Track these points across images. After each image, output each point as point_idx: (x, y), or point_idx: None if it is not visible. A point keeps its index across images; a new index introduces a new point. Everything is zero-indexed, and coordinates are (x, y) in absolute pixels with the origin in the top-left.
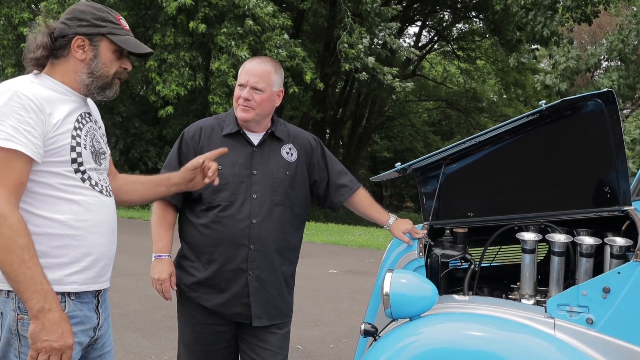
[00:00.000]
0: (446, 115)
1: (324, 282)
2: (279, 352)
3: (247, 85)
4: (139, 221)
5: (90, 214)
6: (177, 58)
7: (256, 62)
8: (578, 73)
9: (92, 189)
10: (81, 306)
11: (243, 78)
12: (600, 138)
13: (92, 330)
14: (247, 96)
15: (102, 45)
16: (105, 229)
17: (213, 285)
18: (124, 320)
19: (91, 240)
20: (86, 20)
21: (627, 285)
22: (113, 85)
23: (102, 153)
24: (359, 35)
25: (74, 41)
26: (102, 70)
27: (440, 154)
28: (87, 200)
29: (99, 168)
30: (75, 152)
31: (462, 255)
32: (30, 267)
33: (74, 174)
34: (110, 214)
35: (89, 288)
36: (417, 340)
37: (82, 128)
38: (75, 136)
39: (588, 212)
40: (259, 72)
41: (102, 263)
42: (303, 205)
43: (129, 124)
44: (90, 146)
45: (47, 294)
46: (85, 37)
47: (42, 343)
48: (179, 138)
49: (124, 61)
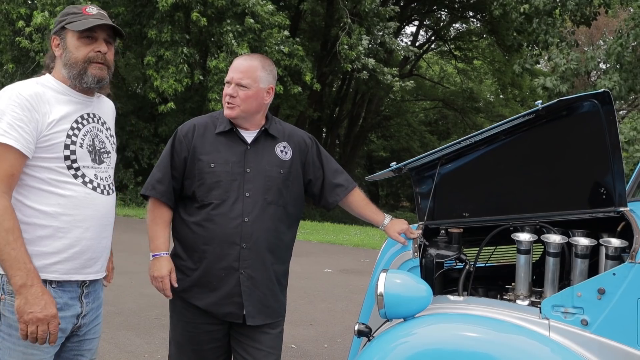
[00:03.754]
0: (443, 115)
1: (319, 281)
2: (271, 352)
3: (232, 82)
4: (134, 219)
5: (77, 209)
6: (174, 54)
7: (243, 58)
8: (577, 75)
9: (84, 185)
10: (62, 294)
11: (229, 75)
12: (596, 139)
13: (74, 317)
14: (231, 92)
15: (67, 36)
16: (93, 224)
17: (205, 284)
18: (118, 319)
19: (76, 233)
20: (58, 22)
21: (622, 287)
22: (87, 70)
23: (104, 152)
24: (359, 36)
25: (52, 43)
26: (72, 59)
27: (435, 154)
28: (76, 195)
29: (98, 166)
30: (69, 149)
31: (457, 255)
32: (14, 248)
33: (66, 170)
34: (102, 210)
35: (70, 278)
36: (411, 340)
37: (82, 128)
38: (72, 135)
39: (583, 213)
40: (243, 68)
41: (86, 256)
42: (296, 204)
43: (125, 121)
44: (89, 145)
45: (30, 272)
46: (55, 35)
47: (28, 315)
48: (173, 136)
49: (96, 45)
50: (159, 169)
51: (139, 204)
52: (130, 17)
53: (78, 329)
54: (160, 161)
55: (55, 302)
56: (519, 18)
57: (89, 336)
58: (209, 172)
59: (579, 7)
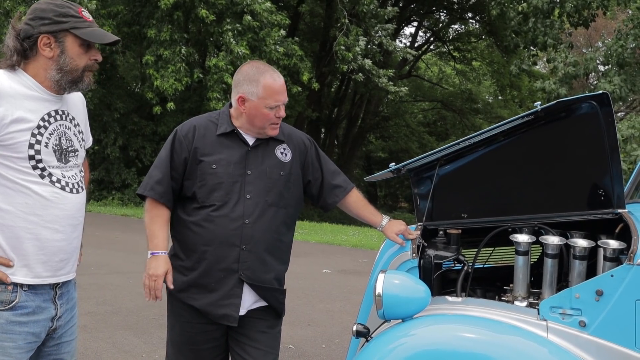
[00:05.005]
0: (441, 116)
1: (317, 281)
2: (270, 351)
3: (282, 104)
4: (132, 219)
5: (45, 209)
6: (172, 54)
7: (277, 76)
8: (576, 78)
9: (52, 185)
10: (34, 297)
11: (278, 98)
12: (594, 140)
13: (49, 320)
14: (283, 114)
15: (67, 40)
16: (64, 224)
17: (203, 285)
18: (116, 318)
19: (45, 234)
20: (48, 19)
21: (620, 288)
22: (84, 78)
23: (71, 151)
24: (356, 36)
25: (39, 40)
26: (71, 65)
27: (434, 155)
28: (44, 195)
29: (64, 166)
30: (33, 149)
31: (456, 256)
32: None
33: (32, 170)
34: (72, 210)
35: (43, 281)
36: (409, 341)
37: (48, 127)
38: (37, 134)
39: (582, 214)
40: (285, 89)
41: (58, 257)
42: (296, 205)
43: (127, 120)
44: (55, 144)
45: None
46: (50, 35)
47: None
48: (172, 136)
49: (93, 53)
50: (158, 170)
51: (137, 204)
52: (129, 17)
53: (54, 331)
54: (159, 161)
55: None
56: (516, 17)
57: (65, 338)
58: (210, 173)
59: (577, 8)
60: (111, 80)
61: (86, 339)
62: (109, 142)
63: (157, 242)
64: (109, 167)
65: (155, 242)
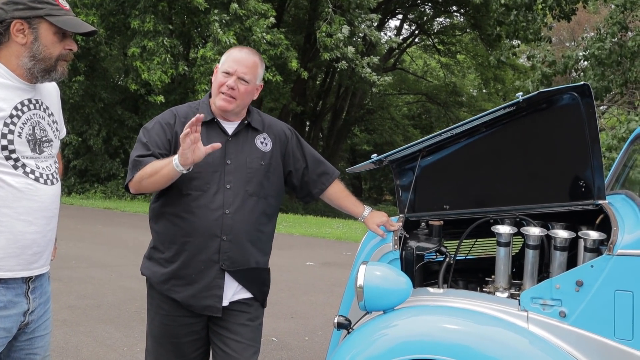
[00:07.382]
0: (426, 109)
1: (301, 274)
2: (251, 344)
3: (235, 75)
4: (115, 212)
5: (19, 202)
6: (157, 45)
7: (245, 52)
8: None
9: (26, 176)
10: (5, 291)
11: (231, 66)
12: (575, 132)
13: (21, 315)
14: (232, 85)
15: (41, 27)
16: (38, 217)
17: (184, 277)
18: (97, 312)
19: (18, 227)
20: (22, 4)
21: (599, 279)
22: (58, 68)
23: (45, 141)
24: (339, 24)
25: (12, 26)
26: (45, 53)
27: (416, 146)
28: (17, 187)
29: (38, 156)
30: (6, 139)
31: (438, 247)
32: None
33: (4, 160)
34: (47, 202)
35: (15, 275)
36: (390, 333)
37: (22, 116)
38: (9, 124)
39: (563, 205)
40: (248, 63)
41: (31, 250)
42: (277, 195)
43: (112, 111)
44: (29, 134)
45: None
46: (23, 20)
47: None
48: (152, 122)
49: (68, 42)
50: (138, 152)
51: (120, 197)
52: (113, 6)
53: (26, 325)
54: (140, 144)
55: None
56: (499, 9)
57: (39, 333)
58: None
59: (558, 1)
60: (95, 71)
61: (66, 332)
62: (92, 133)
63: (169, 160)
64: (93, 158)
65: (167, 161)
